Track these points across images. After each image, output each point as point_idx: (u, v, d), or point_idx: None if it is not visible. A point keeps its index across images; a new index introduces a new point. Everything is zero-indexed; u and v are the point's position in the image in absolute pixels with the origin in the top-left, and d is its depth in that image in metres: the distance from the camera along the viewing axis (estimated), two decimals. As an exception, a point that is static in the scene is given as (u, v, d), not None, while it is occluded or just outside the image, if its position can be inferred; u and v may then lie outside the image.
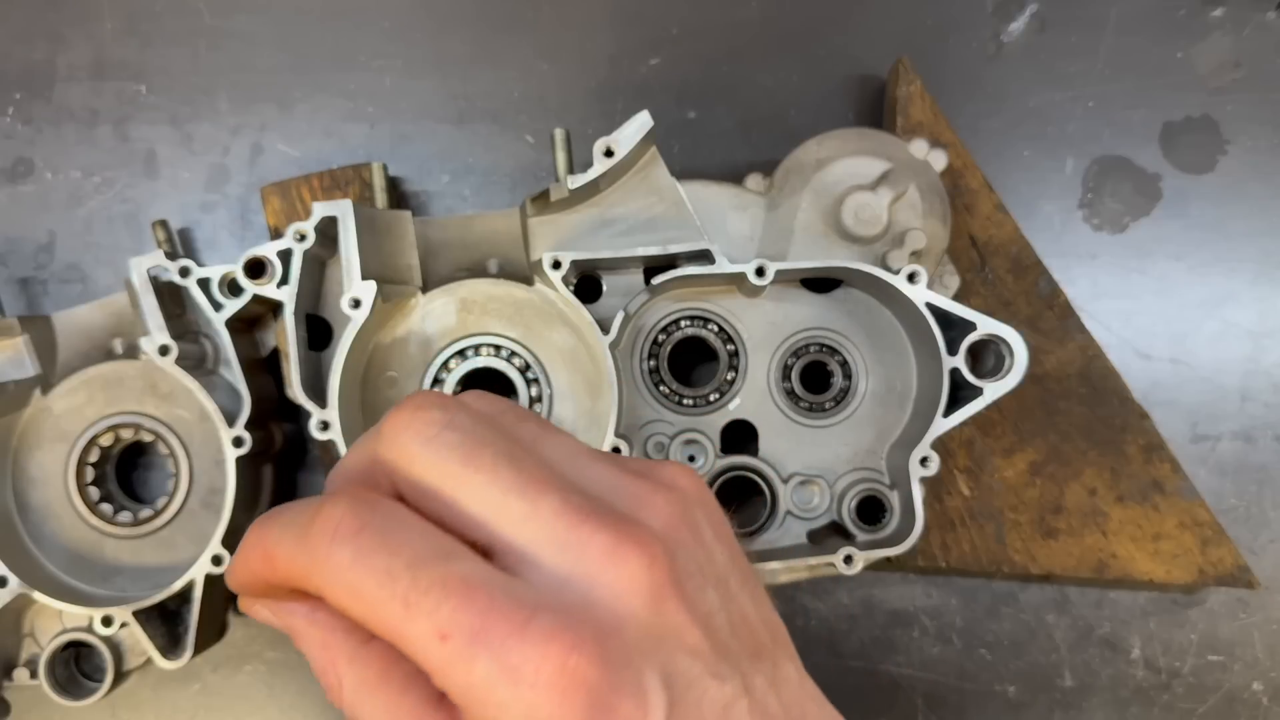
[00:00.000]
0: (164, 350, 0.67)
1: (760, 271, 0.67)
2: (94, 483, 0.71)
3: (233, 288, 0.68)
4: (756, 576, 0.38)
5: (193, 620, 0.68)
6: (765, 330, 0.71)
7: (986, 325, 0.64)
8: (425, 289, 0.70)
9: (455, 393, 0.70)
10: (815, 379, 0.72)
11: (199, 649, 0.69)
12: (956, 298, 0.74)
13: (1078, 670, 0.80)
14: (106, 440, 0.71)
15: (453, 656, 0.28)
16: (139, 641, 0.68)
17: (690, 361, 0.76)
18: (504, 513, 0.31)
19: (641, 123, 0.66)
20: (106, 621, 0.67)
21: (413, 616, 0.28)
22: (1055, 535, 0.76)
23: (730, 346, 0.71)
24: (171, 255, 0.69)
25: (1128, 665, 0.80)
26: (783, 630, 0.38)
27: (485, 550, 0.31)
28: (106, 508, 0.71)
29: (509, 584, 0.29)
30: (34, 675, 0.69)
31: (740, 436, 0.71)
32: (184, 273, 0.68)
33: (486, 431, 0.32)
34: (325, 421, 0.64)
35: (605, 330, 0.66)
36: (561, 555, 0.30)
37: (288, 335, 0.66)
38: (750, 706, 0.33)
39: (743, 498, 0.74)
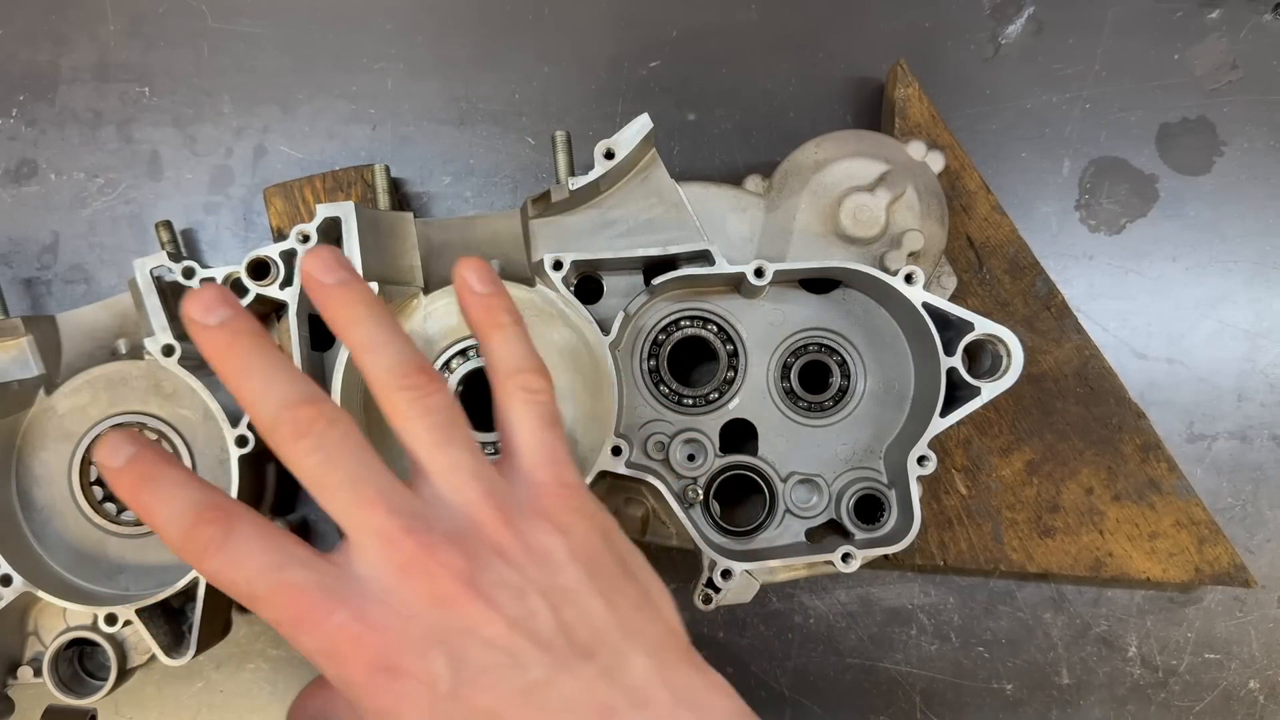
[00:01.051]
0: (168, 350, 0.68)
1: (759, 272, 0.67)
2: (98, 482, 0.71)
3: (236, 288, 0.69)
4: (635, 589, 0.45)
5: (196, 618, 0.68)
6: (764, 330, 0.72)
7: (983, 325, 0.65)
8: (427, 290, 0.70)
9: (457, 392, 0.70)
10: (814, 379, 0.73)
11: (202, 647, 0.70)
12: (954, 298, 0.75)
13: (1075, 668, 0.80)
14: (110, 440, 0.71)
15: (291, 636, 0.40)
16: (143, 639, 0.68)
17: (690, 361, 0.77)
18: (345, 522, 0.42)
19: (641, 125, 0.66)
20: (110, 620, 0.68)
21: (262, 611, 0.40)
22: (1052, 534, 0.76)
23: (730, 346, 0.72)
24: (175, 256, 0.69)
25: (1124, 663, 0.80)
26: (652, 630, 0.44)
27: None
28: (110, 506, 0.72)
29: (327, 586, 0.40)
30: (38, 674, 0.69)
31: (740, 436, 0.72)
32: (188, 273, 0.68)
33: (344, 455, 0.42)
34: (328, 421, 0.65)
35: (606, 330, 0.67)
36: (375, 562, 0.41)
37: (291, 336, 0.67)
38: (562, 691, 0.40)
39: (742, 496, 0.74)
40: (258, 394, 0.41)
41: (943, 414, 0.66)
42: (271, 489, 0.75)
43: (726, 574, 0.67)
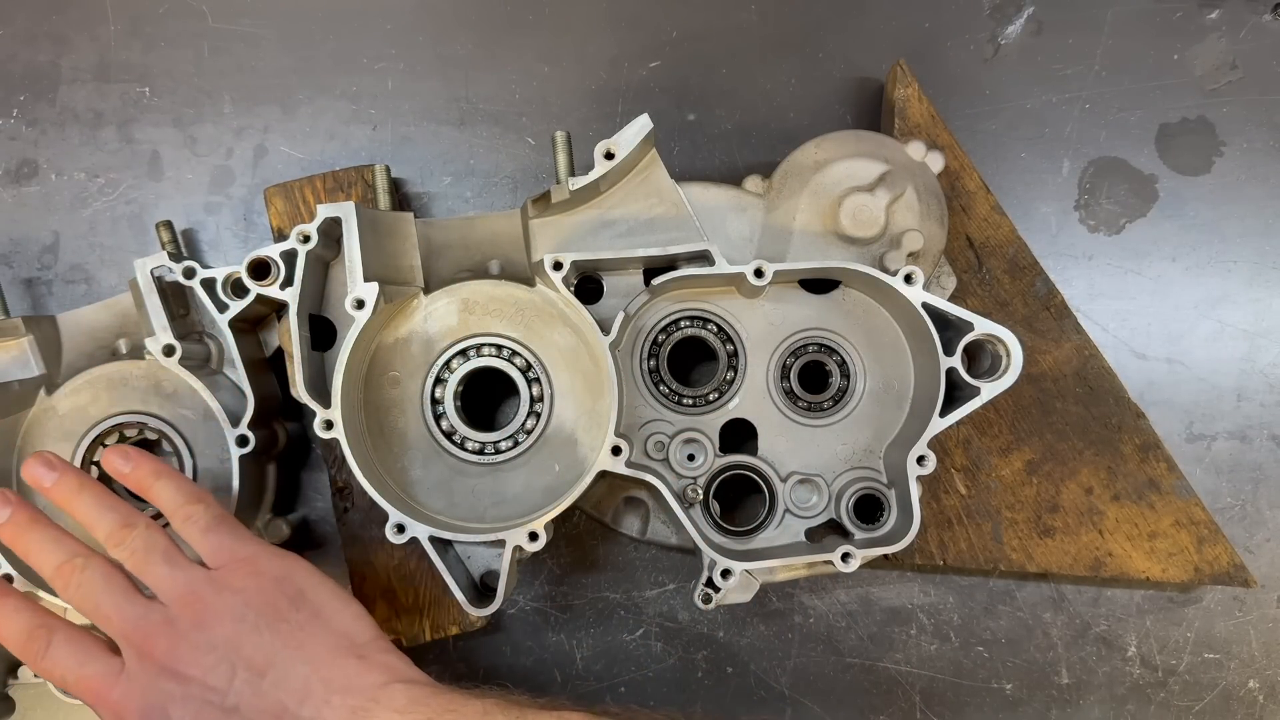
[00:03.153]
0: (169, 350, 0.68)
1: (759, 272, 0.67)
2: (98, 481, 0.71)
3: (237, 288, 0.69)
4: (302, 614, 0.59)
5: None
6: (764, 330, 0.72)
7: (983, 325, 0.65)
8: (427, 290, 0.70)
9: (457, 392, 0.70)
10: (813, 379, 0.73)
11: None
12: (953, 298, 0.75)
13: (1074, 668, 0.80)
14: (111, 439, 0.71)
15: (96, 710, 0.59)
16: (143, 639, 0.68)
17: (690, 361, 0.77)
18: (98, 620, 0.59)
19: (641, 125, 0.66)
20: (111, 619, 0.68)
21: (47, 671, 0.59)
22: (1052, 534, 0.76)
23: (729, 346, 0.72)
24: (176, 256, 0.69)
25: (1124, 663, 0.80)
26: (315, 641, 0.58)
27: None
28: (111, 506, 0.72)
29: (108, 676, 0.57)
30: (39, 674, 0.70)
31: (739, 436, 0.72)
32: (189, 274, 0.69)
33: (91, 589, 0.59)
34: (329, 421, 0.65)
35: (606, 330, 0.67)
36: (126, 655, 0.58)
37: (292, 336, 0.67)
38: (249, 706, 0.56)
39: (742, 496, 0.74)
40: (40, 567, 0.60)
41: (942, 414, 0.66)
42: (272, 489, 0.75)
43: (726, 574, 0.67)
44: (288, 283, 0.67)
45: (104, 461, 0.63)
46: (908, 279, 0.66)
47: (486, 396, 0.76)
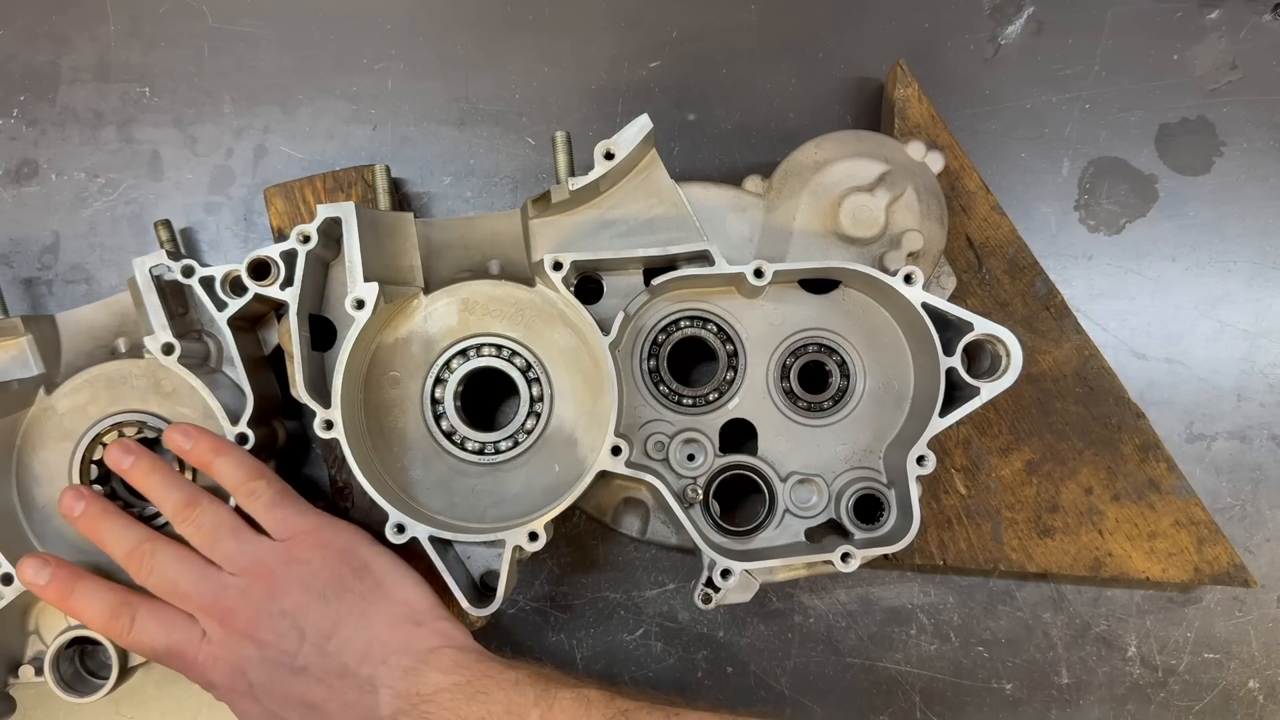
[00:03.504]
0: (168, 349, 0.68)
1: (759, 273, 0.67)
2: (98, 480, 0.72)
3: (235, 286, 0.69)
4: (365, 584, 0.64)
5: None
6: (764, 330, 0.72)
7: (983, 325, 0.65)
8: (427, 290, 0.70)
9: (457, 392, 0.70)
10: (813, 379, 0.73)
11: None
12: (953, 298, 0.75)
13: (1074, 668, 0.80)
14: (110, 438, 0.71)
15: (183, 673, 0.65)
16: (143, 639, 0.68)
17: (690, 361, 0.77)
18: (176, 599, 0.65)
19: (641, 125, 0.66)
20: (111, 619, 0.68)
21: (134, 644, 0.65)
22: (1051, 534, 0.76)
23: (729, 346, 0.72)
24: (174, 255, 0.69)
25: (1124, 663, 0.80)
26: (376, 609, 0.63)
27: None
28: (111, 506, 0.72)
29: (194, 643, 0.63)
30: (39, 672, 0.70)
31: (739, 436, 0.72)
32: (187, 272, 0.69)
33: (164, 570, 0.65)
34: (329, 421, 0.65)
35: (605, 331, 0.67)
36: (205, 625, 0.64)
37: (292, 336, 0.67)
38: (315, 667, 0.61)
39: (742, 496, 0.74)
40: (113, 552, 0.66)
41: (942, 414, 0.66)
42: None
43: (726, 573, 0.67)
44: (288, 283, 0.67)
45: (165, 439, 0.67)
46: (907, 279, 0.66)
47: (486, 396, 0.76)
